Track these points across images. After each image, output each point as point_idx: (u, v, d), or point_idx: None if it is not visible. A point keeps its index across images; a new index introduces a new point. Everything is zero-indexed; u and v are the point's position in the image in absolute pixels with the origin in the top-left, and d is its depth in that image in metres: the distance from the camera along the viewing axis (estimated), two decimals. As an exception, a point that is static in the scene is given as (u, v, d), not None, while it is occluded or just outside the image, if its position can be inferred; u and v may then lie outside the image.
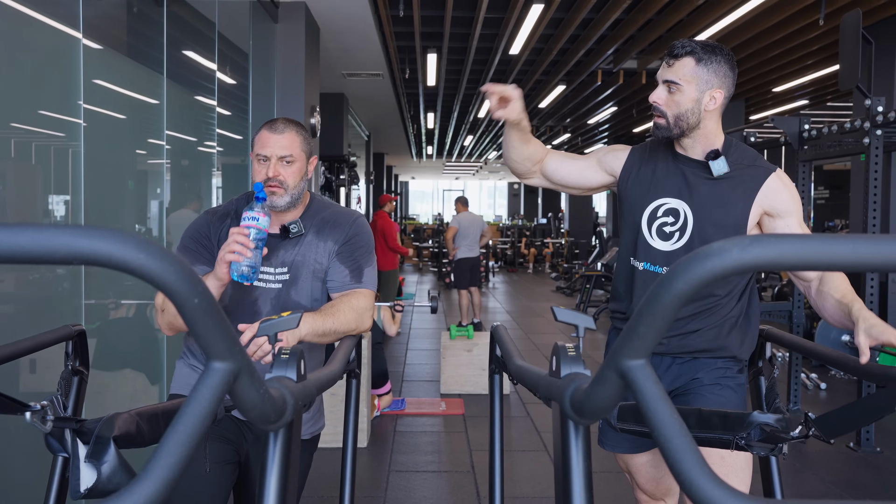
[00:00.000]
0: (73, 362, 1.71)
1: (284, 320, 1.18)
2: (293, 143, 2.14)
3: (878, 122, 4.94)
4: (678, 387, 2.22)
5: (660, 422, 0.71)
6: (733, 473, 2.06)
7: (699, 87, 2.08)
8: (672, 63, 2.10)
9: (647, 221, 2.21)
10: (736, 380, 2.19)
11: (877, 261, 0.62)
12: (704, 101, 2.09)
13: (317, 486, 4.13)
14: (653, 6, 7.41)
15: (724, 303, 2.16)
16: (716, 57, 2.08)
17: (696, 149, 2.16)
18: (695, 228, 2.13)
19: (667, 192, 2.19)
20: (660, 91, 2.13)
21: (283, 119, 2.18)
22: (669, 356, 2.22)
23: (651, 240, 2.20)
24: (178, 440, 0.64)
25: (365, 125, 15.02)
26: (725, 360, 2.19)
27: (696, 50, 2.07)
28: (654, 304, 0.68)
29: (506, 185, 38.86)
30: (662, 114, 2.12)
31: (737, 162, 2.14)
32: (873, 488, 4.27)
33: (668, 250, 2.16)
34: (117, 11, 4.10)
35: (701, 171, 2.15)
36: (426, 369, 7.47)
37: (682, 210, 2.15)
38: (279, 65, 6.38)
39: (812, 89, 11.36)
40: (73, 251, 0.57)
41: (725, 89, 2.11)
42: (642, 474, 2.38)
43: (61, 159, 3.28)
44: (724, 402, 2.14)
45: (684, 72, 2.08)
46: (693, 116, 2.10)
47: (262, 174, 2.10)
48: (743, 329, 2.19)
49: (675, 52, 2.10)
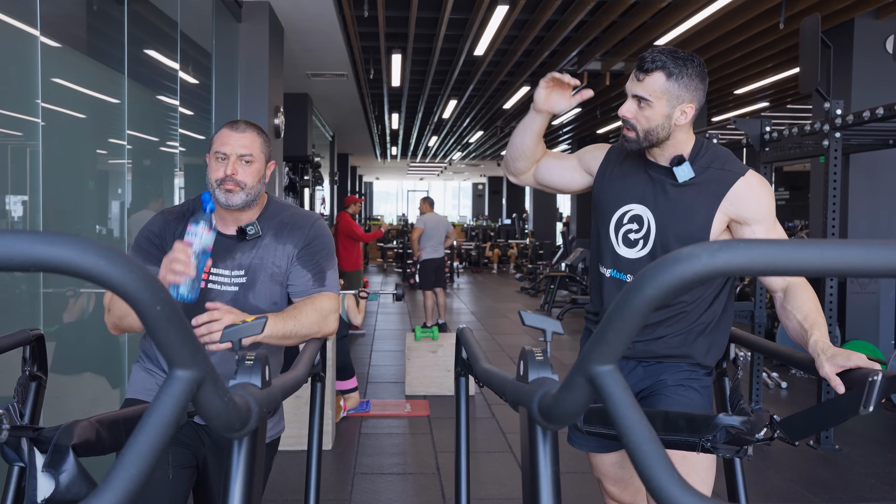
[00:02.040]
0: (31, 367, 1.67)
1: (249, 326, 1.16)
2: (254, 143, 2.11)
3: (837, 125, 5.03)
4: (643, 388, 2.22)
5: (629, 427, 0.71)
6: (695, 473, 2.05)
7: (670, 103, 2.02)
8: (642, 78, 2.03)
9: (615, 228, 2.19)
10: (701, 381, 2.18)
11: (844, 266, 0.62)
12: (675, 115, 2.03)
13: (281, 489, 4.09)
14: (616, 9, 7.47)
15: (690, 310, 2.14)
16: (687, 70, 2.01)
17: (664, 156, 2.13)
18: (657, 236, 2.10)
19: (633, 199, 2.16)
20: (629, 105, 2.07)
21: (244, 121, 2.15)
22: (635, 360, 2.23)
23: (618, 247, 2.18)
24: (139, 451, 0.62)
25: (329, 125, 14.95)
26: (690, 365, 2.18)
27: (667, 64, 2.00)
28: (623, 309, 0.68)
29: (470, 186, 38.91)
30: (632, 127, 2.07)
31: (705, 166, 2.09)
32: (834, 485, 4.33)
33: (633, 258, 2.14)
34: (76, 9, 4.03)
35: (668, 178, 2.12)
36: (391, 371, 7.45)
37: (645, 217, 2.13)
38: (242, 64, 6.31)
39: (772, 92, 11.52)
40: (31, 258, 0.55)
41: (697, 102, 2.05)
42: (610, 476, 2.39)
43: (19, 159, 3.21)
44: (688, 402, 2.13)
45: (655, 87, 2.01)
46: (663, 131, 2.05)
47: (219, 172, 2.06)
48: (710, 337, 2.17)
49: (645, 66, 2.02)
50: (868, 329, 7.11)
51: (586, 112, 14.00)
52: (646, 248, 2.13)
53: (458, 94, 12.87)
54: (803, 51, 5.16)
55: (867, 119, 4.83)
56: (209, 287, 2.09)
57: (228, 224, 2.13)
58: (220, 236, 2.12)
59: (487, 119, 15.84)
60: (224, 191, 2.05)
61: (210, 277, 2.09)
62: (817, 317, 1.89)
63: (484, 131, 18.02)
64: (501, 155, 23.88)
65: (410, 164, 29.25)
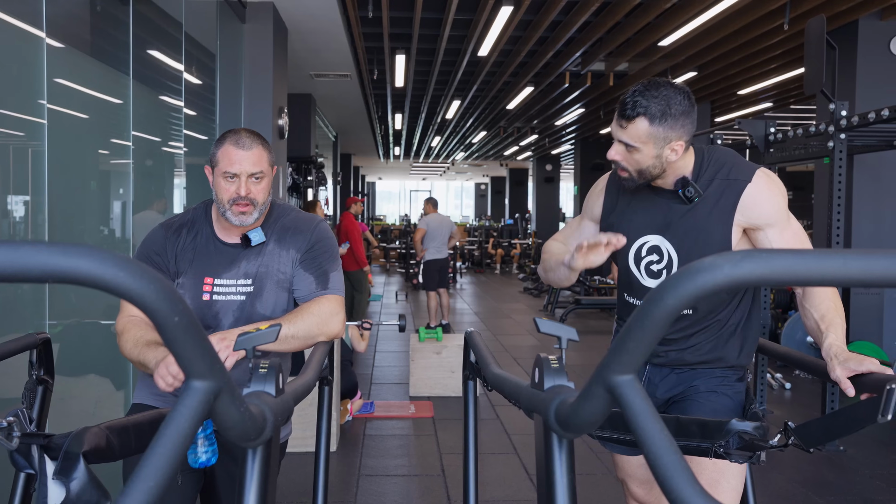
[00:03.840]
0: (38, 371, 1.66)
1: (262, 334, 1.16)
2: (261, 159, 2.06)
3: (843, 126, 5.01)
4: (676, 394, 2.20)
5: (649, 438, 0.70)
6: (724, 479, 2.00)
7: (657, 145, 1.96)
8: (625, 125, 1.97)
9: (634, 261, 2.15)
10: (734, 388, 2.14)
11: (868, 276, 0.62)
12: (665, 154, 1.98)
13: (287, 491, 4.09)
14: (621, 9, 7.45)
15: (721, 317, 2.12)
16: (670, 110, 1.92)
17: (668, 181, 2.08)
18: (680, 263, 2.06)
19: (647, 230, 2.12)
20: (617, 148, 2.02)
21: (245, 132, 2.09)
22: (668, 367, 2.21)
23: (642, 279, 2.14)
24: (157, 464, 0.61)
25: (332, 126, 14.95)
26: (724, 369, 2.16)
27: (649, 108, 1.92)
28: (644, 319, 0.68)
29: (473, 186, 38.92)
30: (625, 169, 2.04)
31: (711, 178, 2.04)
32: (838, 487, 4.32)
33: None
34: (81, 10, 4.03)
35: (676, 201, 2.07)
36: (395, 372, 7.44)
37: (664, 248, 2.09)
38: (247, 65, 6.31)
39: (776, 92, 11.51)
40: (49, 269, 0.54)
41: (686, 135, 1.98)
42: (636, 477, 2.37)
43: (24, 159, 3.21)
44: (719, 408, 2.10)
45: (639, 133, 1.95)
46: (657, 169, 2.00)
47: (229, 192, 2.02)
48: (742, 336, 2.15)
49: (626, 112, 1.95)
50: (872, 330, 7.09)
51: (589, 113, 13.99)
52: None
53: (462, 95, 12.87)
54: (808, 52, 5.15)
55: (872, 120, 4.82)
56: (214, 299, 2.07)
57: (231, 233, 2.12)
58: (223, 245, 2.10)
59: (491, 119, 15.83)
60: (238, 212, 2.03)
61: (214, 289, 2.08)
62: (834, 316, 1.86)
63: (487, 131, 18.01)
64: (505, 155, 23.90)
65: (413, 165, 29.25)
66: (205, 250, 2.10)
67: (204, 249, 2.10)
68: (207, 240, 2.12)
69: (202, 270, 2.08)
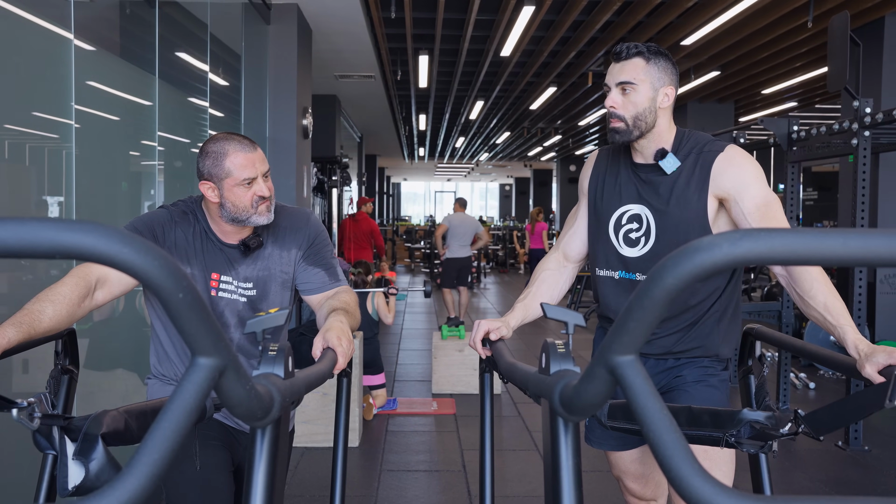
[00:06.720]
0: (63, 361, 1.70)
1: (272, 317, 1.18)
2: (264, 158, 2.10)
3: (867, 124, 4.96)
4: (662, 385, 2.22)
5: (649, 418, 0.70)
6: (716, 467, 2.07)
7: (653, 85, 2.09)
8: (623, 65, 2.11)
9: (614, 229, 2.23)
10: (719, 377, 2.20)
11: (867, 255, 0.62)
12: (659, 98, 2.10)
13: (308, 485, 4.12)
14: (643, 9, 7.43)
15: (701, 307, 2.16)
16: (660, 56, 2.11)
17: (650, 149, 2.17)
18: (658, 231, 2.13)
19: (629, 199, 2.20)
20: (614, 95, 2.12)
21: (235, 135, 2.06)
22: (653, 357, 2.23)
23: (620, 248, 2.21)
24: (162, 436, 0.63)
25: (357, 127, 15.02)
26: (710, 358, 2.20)
27: (643, 50, 2.09)
28: (644, 299, 0.68)
29: (497, 187, 38.90)
30: (620, 117, 2.12)
31: (688, 153, 2.13)
32: (862, 486, 4.28)
33: (637, 256, 2.17)
34: (109, 13, 4.09)
35: (656, 174, 2.16)
36: (418, 369, 7.46)
37: (644, 215, 2.16)
38: (271, 66, 6.37)
39: (800, 91, 11.40)
40: (56, 244, 0.56)
41: (675, 86, 2.14)
42: (630, 473, 2.39)
43: (55, 160, 3.27)
44: (708, 398, 2.15)
45: (636, 71, 2.09)
46: (650, 115, 2.10)
47: (248, 197, 2.02)
48: (724, 327, 2.19)
49: (622, 54, 2.12)
50: (901, 330, 7.01)
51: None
52: (648, 245, 2.15)
53: (485, 95, 12.88)
54: (832, 49, 5.10)
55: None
56: (220, 296, 2.09)
57: (229, 235, 2.12)
58: (222, 245, 2.11)
59: (514, 120, 15.83)
60: (265, 210, 2.05)
61: (220, 286, 2.09)
62: (839, 306, 1.84)
63: (511, 132, 18.00)
64: (528, 155, 23.86)
65: (438, 165, 29.29)
66: (209, 246, 2.10)
67: (208, 245, 2.10)
68: (208, 236, 2.11)
69: (209, 266, 2.09)
